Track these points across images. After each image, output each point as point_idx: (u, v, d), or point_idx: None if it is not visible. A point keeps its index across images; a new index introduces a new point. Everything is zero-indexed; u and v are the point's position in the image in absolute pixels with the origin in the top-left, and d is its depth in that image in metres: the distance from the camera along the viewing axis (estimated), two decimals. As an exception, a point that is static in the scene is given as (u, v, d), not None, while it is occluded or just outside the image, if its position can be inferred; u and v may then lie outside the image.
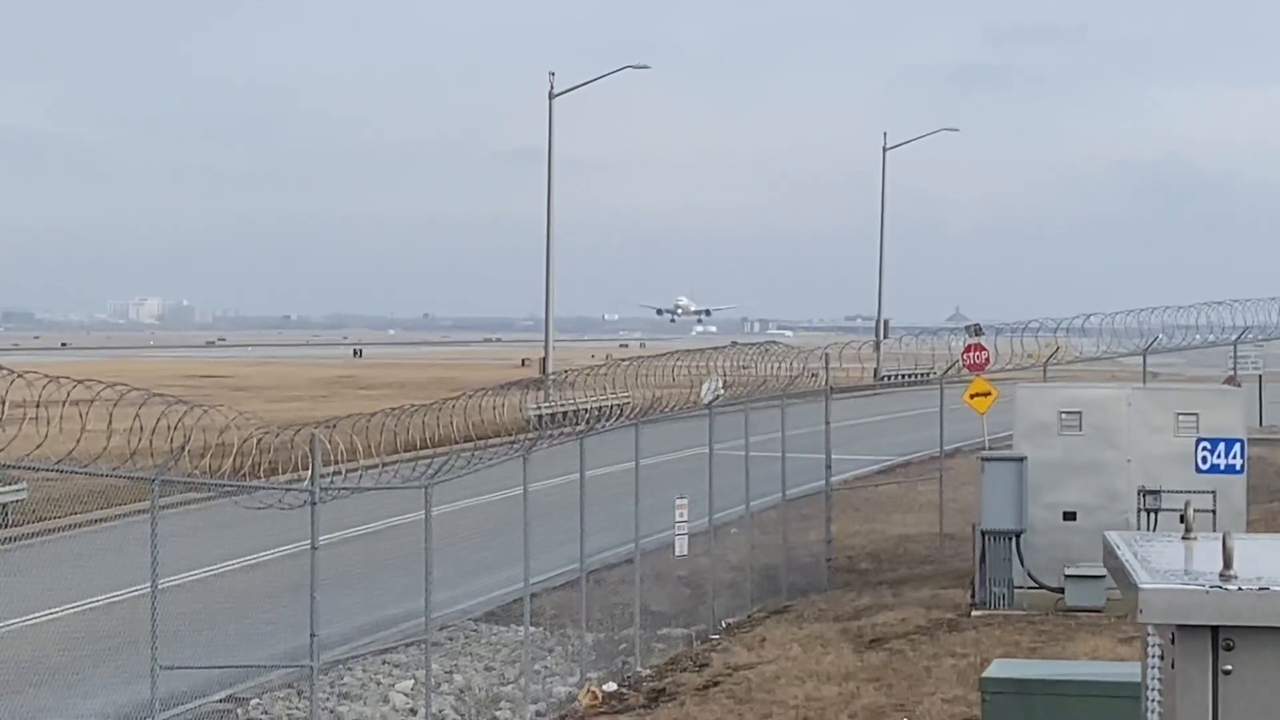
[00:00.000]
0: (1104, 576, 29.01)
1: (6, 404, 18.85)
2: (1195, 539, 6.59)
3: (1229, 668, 5.79)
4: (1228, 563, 5.85)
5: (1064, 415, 31.63)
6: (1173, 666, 5.87)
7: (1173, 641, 5.85)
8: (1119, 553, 6.38)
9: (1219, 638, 5.79)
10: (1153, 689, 6.34)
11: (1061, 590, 30.27)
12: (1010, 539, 30.62)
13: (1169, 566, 6.12)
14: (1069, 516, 31.22)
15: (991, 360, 41.79)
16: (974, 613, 30.24)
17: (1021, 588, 30.73)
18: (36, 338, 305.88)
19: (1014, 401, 32.58)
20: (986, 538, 30.69)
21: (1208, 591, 5.75)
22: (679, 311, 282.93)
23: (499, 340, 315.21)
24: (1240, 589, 5.75)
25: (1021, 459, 31.11)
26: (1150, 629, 6.33)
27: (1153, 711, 6.31)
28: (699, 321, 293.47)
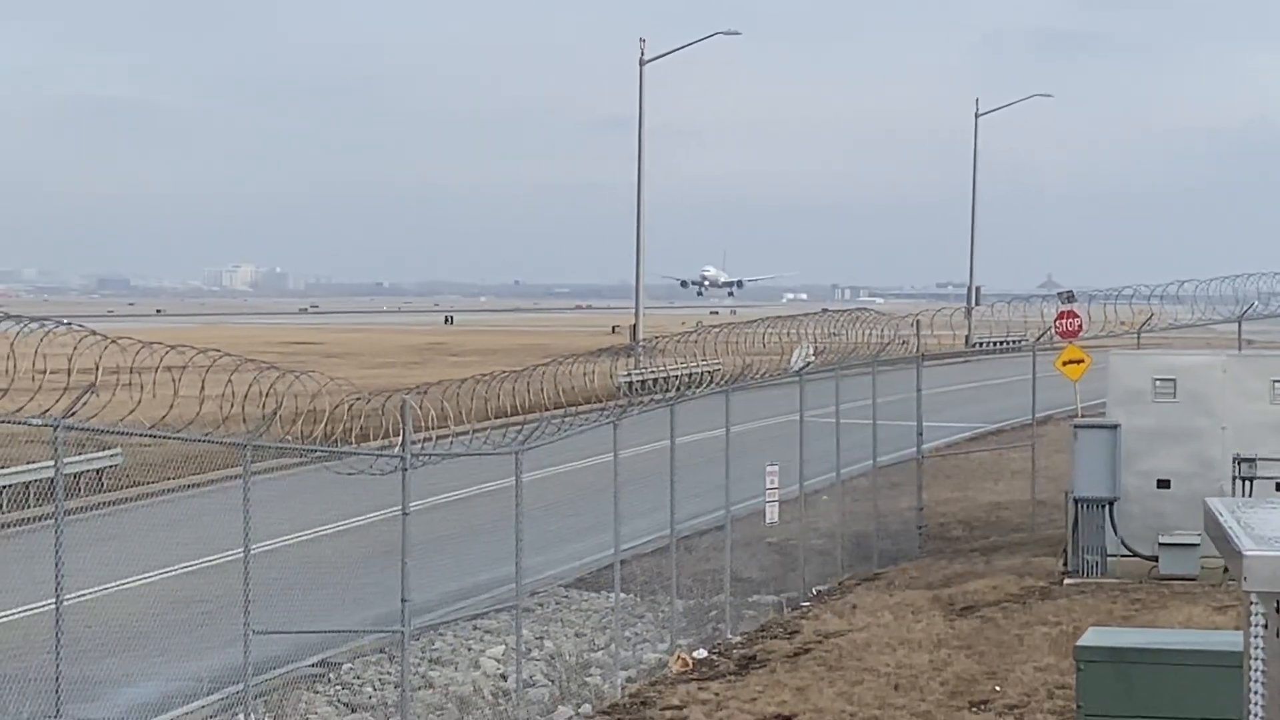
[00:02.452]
0: (1198, 544, 28.79)
1: (100, 370, 18.96)
2: (1300, 506, 6.46)
3: (1336, 637, 5.66)
4: (1334, 530, 5.73)
5: (1158, 382, 31.39)
6: (1277, 635, 5.75)
7: (1278, 610, 5.73)
8: (1221, 519, 6.26)
9: (1326, 606, 5.66)
10: (1256, 658, 6.21)
11: (1155, 558, 30.05)
12: (1103, 507, 30.42)
13: (1273, 533, 6.00)
14: (1163, 484, 31.00)
15: (1084, 327, 41.45)
16: (1066, 581, 30.06)
17: (1115, 555, 30.53)
18: (131, 304, 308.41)
19: (1107, 368, 32.35)
20: (1080, 505, 30.50)
21: (1314, 559, 5.63)
22: (705, 283, 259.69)
23: (590, 307, 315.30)
24: (1348, 557, 5.62)
25: (1115, 426, 30.89)
26: (1254, 597, 6.20)
27: (1256, 680, 6.19)
28: (730, 294, 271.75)
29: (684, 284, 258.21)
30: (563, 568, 33.24)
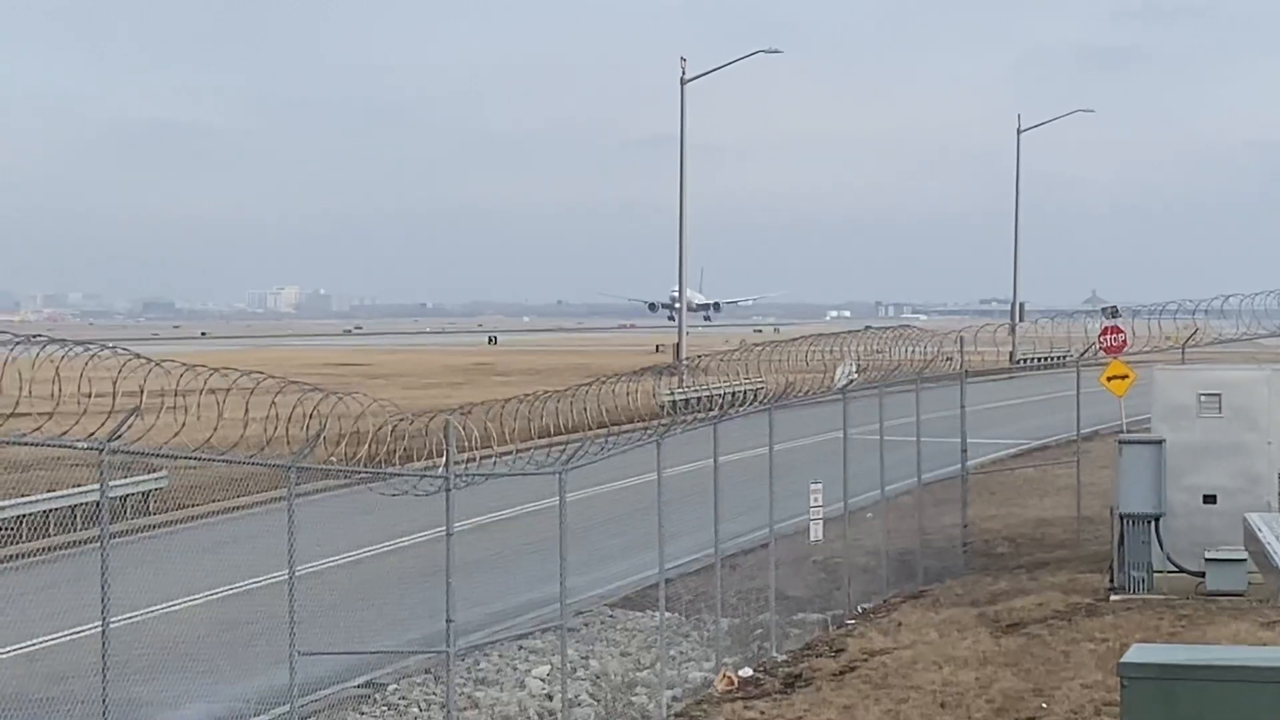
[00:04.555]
0: (1245, 560, 28.66)
1: (145, 392, 19.05)
2: (1340, 521, 6.46)
3: (1376, 652, 5.66)
4: (1374, 545, 5.73)
5: (1203, 397, 31.31)
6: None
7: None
8: (1260, 535, 6.28)
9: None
10: (1297, 674, 6.22)
11: (1202, 574, 29.95)
12: (1149, 522, 30.34)
13: (1313, 549, 6.00)
14: (1209, 500, 30.91)
15: (1129, 342, 41.34)
16: (1112, 597, 29.98)
17: (1161, 572, 30.44)
18: (176, 327, 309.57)
19: (1152, 384, 32.26)
20: (1125, 521, 30.43)
21: (1353, 575, 5.63)
22: (676, 306, 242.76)
23: (633, 327, 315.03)
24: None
25: (1160, 442, 30.80)
26: (1294, 613, 6.22)
27: (1297, 697, 6.20)
28: (706, 318, 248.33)
29: (652, 307, 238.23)
30: (608, 587, 33.27)
